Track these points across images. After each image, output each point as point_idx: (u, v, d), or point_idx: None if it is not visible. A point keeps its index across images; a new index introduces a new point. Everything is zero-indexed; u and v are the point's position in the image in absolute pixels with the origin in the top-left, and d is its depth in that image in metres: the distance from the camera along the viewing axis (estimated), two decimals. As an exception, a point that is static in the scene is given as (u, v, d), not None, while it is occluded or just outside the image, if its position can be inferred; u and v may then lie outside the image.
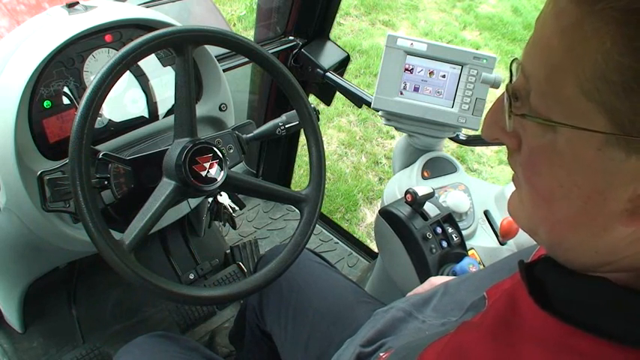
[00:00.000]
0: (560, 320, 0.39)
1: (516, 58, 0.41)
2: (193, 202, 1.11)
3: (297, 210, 0.90)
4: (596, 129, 0.33)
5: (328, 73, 1.41)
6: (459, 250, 0.99)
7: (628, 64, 0.31)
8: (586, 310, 0.38)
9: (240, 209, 1.38)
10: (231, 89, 1.05)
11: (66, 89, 0.87)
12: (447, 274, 0.93)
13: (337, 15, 1.47)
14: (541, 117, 0.36)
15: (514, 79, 0.40)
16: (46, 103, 0.85)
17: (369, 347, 0.71)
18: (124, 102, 0.95)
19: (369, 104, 1.25)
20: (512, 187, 0.41)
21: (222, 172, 0.81)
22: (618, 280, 0.37)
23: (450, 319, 0.63)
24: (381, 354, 0.64)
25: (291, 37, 1.46)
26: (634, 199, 0.33)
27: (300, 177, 2.32)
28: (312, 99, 1.54)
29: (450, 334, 0.52)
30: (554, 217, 0.39)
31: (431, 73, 1.09)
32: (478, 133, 1.18)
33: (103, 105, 0.72)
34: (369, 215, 2.31)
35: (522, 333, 0.42)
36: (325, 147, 0.93)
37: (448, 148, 2.65)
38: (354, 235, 1.92)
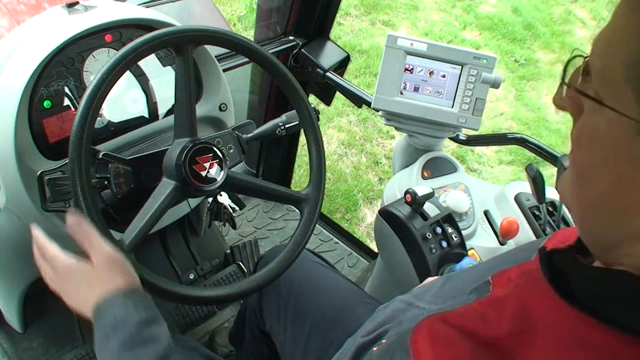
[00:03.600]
0: (580, 311, 0.39)
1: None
2: (193, 202, 1.11)
3: (297, 210, 0.90)
4: (630, 115, 0.33)
5: (328, 73, 1.41)
6: (458, 250, 0.99)
7: None
8: (605, 302, 0.38)
9: (240, 209, 1.38)
10: (231, 89, 1.05)
11: (66, 89, 0.87)
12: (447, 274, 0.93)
13: (337, 15, 1.47)
14: (592, 94, 0.36)
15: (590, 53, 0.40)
16: (46, 103, 0.85)
17: (369, 336, 0.71)
18: (124, 102, 0.95)
19: (369, 104, 1.25)
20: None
21: (222, 172, 0.81)
22: None
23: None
24: (382, 341, 0.64)
25: (291, 37, 1.46)
26: None
27: (300, 177, 2.32)
28: (312, 99, 1.54)
29: (449, 311, 0.51)
30: (585, 196, 0.40)
31: (431, 73, 1.09)
32: (478, 133, 1.18)
33: (103, 105, 0.72)
34: (369, 215, 2.31)
35: (535, 331, 0.41)
36: (325, 147, 0.93)
37: (448, 148, 2.65)
38: (354, 235, 1.92)
